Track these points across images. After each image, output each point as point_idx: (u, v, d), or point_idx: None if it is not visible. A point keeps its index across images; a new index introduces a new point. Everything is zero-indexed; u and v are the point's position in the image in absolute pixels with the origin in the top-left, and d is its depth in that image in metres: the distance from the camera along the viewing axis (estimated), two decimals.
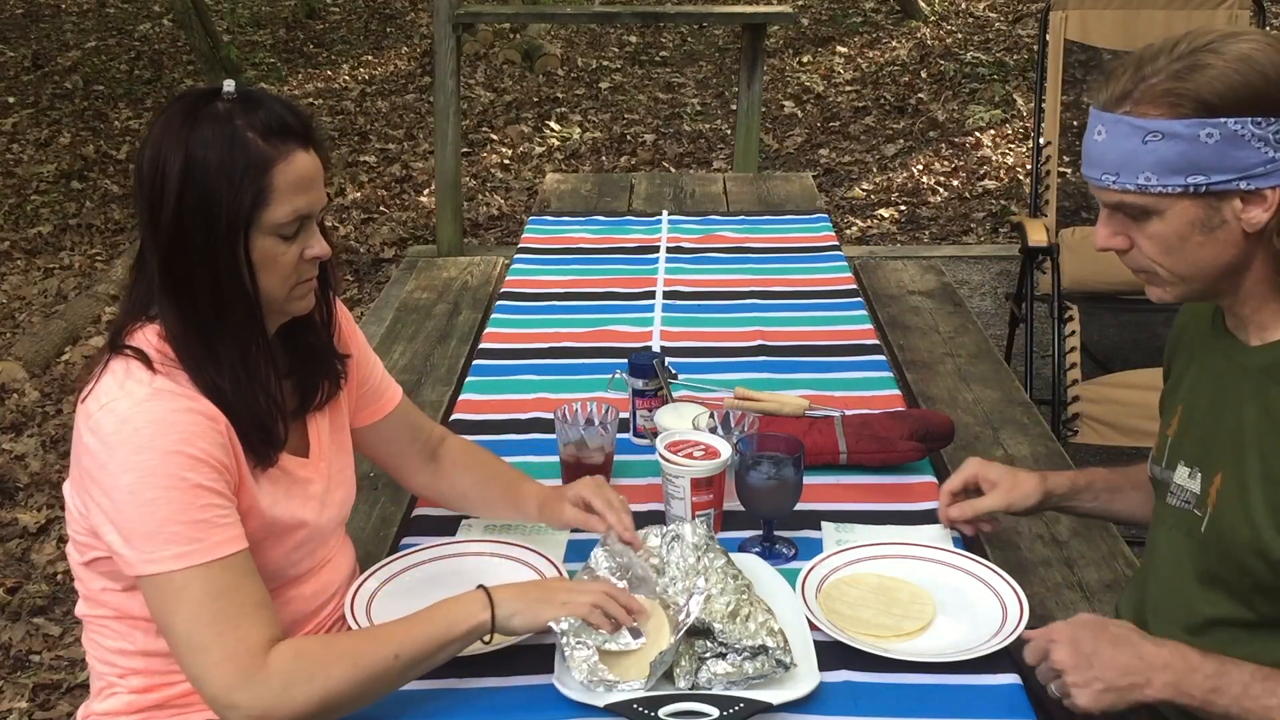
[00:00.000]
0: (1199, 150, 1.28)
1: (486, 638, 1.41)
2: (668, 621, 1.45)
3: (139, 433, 1.33)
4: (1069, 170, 3.95)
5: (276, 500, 1.49)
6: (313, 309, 1.54)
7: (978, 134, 6.94)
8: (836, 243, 3.13)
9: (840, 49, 8.77)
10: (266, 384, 1.46)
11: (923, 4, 9.32)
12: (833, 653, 1.47)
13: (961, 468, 1.73)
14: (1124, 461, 1.70)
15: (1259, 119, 1.26)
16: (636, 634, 1.43)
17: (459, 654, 1.42)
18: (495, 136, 7.37)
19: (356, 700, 1.36)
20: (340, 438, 1.65)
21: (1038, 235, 3.67)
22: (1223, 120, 1.27)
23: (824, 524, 1.79)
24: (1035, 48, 4.58)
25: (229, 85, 1.42)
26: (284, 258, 1.43)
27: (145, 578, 1.35)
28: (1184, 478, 1.46)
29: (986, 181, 6.37)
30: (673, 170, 6.63)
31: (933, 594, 1.59)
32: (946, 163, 6.64)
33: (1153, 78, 1.30)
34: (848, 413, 2.08)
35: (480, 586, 1.44)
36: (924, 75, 8.02)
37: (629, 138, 7.28)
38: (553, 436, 1.92)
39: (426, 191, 6.48)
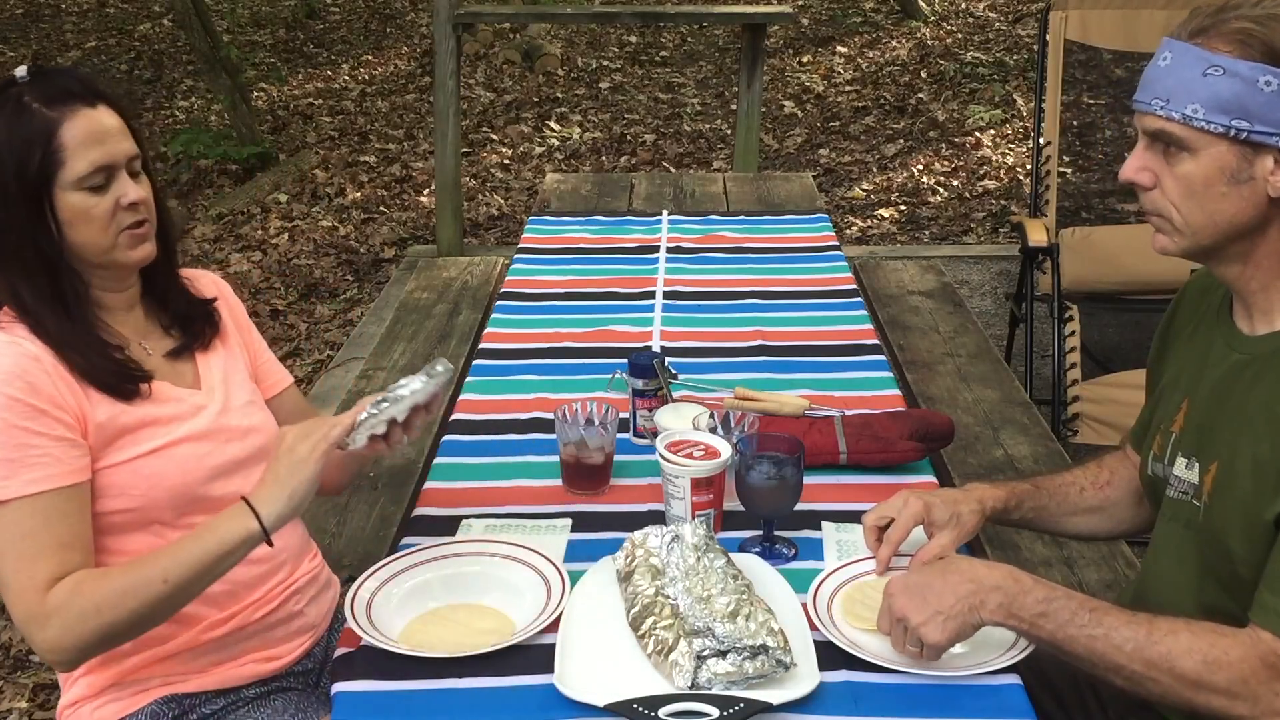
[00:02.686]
0: (1253, 95, 1.29)
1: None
2: (671, 613, 1.45)
3: None
4: (1069, 170, 3.95)
5: (169, 425, 1.59)
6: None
7: (978, 134, 6.94)
8: (836, 243, 3.13)
9: (840, 49, 8.77)
10: (95, 328, 1.57)
11: (923, 4, 9.32)
12: (833, 653, 1.47)
13: (904, 516, 1.62)
14: (1117, 452, 1.71)
15: None
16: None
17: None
18: (495, 136, 7.37)
19: (140, 625, 1.47)
20: (240, 379, 1.75)
21: (1038, 235, 3.67)
22: None
23: (824, 524, 1.79)
24: (1035, 48, 4.58)
25: (21, 70, 1.54)
26: (97, 209, 1.52)
27: None
28: (1182, 469, 1.46)
29: (986, 181, 6.37)
30: (673, 170, 6.63)
31: None
32: (946, 163, 6.64)
33: (1234, 21, 1.31)
34: (848, 413, 2.08)
35: (242, 499, 1.49)
36: (924, 75, 8.02)
37: (629, 138, 7.28)
38: (553, 436, 1.92)
39: (426, 191, 6.48)
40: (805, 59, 8.60)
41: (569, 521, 1.81)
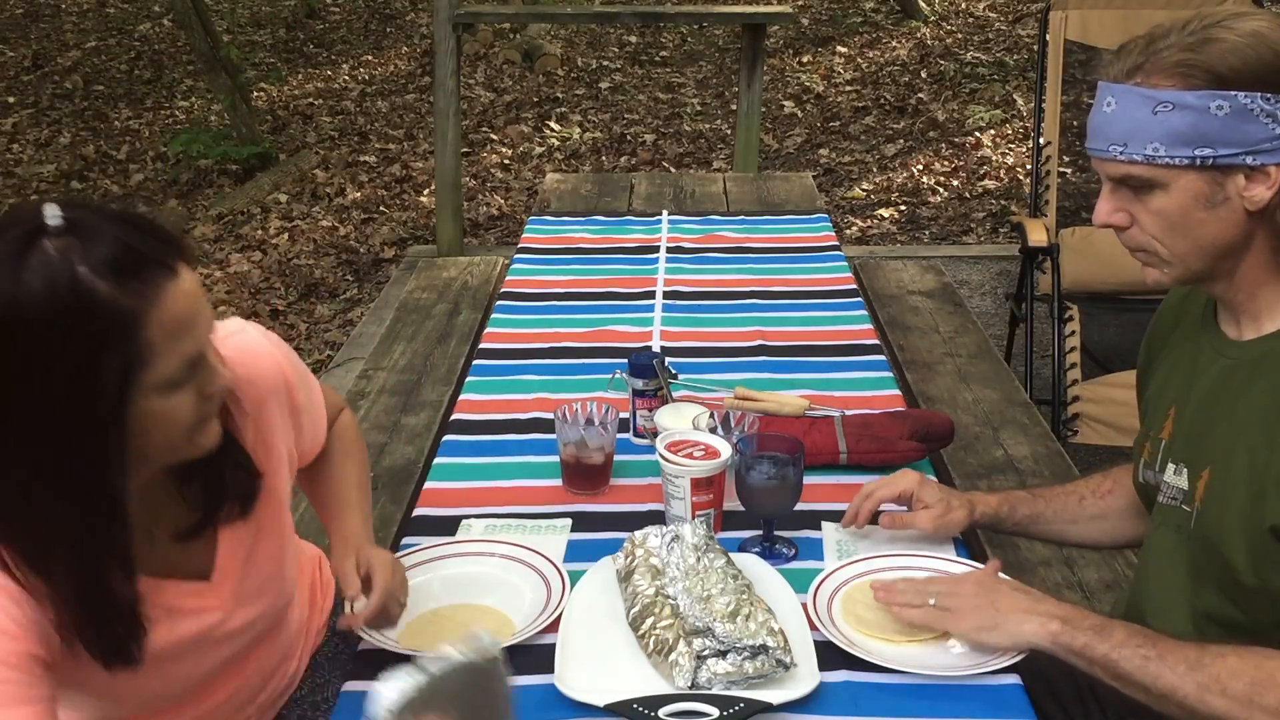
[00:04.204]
0: (1208, 122, 1.28)
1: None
2: (671, 613, 1.45)
3: None
4: (1069, 170, 3.95)
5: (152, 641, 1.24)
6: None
7: (978, 134, 6.94)
8: (836, 243, 3.13)
9: (840, 49, 8.77)
10: (113, 584, 1.16)
11: (923, 4, 9.32)
12: (833, 653, 1.47)
13: (896, 479, 1.72)
14: (1123, 460, 1.71)
15: (1268, 95, 1.27)
16: None
17: None
18: (495, 136, 7.37)
19: None
20: (268, 545, 1.41)
21: (1038, 235, 3.67)
22: (1233, 93, 1.27)
23: (824, 524, 1.79)
24: (1035, 48, 4.58)
25: (52, 212, 1.05)
26: (181, 409, 1.15)
27: None
28: (1171, 474, 1.46)
29: (986, 181, 6.37)
30: (673, 170, 6.63)
31: None
32: (946, 163, 6.64)
33: (1165, 51, 1.30)
34: (848, 413, 2.08)
35: None
36: (924, 75, 8.02)
37: (629, 138, 7.28)
38: (553, 436, 1.92)
39: (426, 191, 6.48)
40: (805, 59, 8.59)
41: (569, 521, 1.81)
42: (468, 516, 1.83)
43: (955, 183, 6.39)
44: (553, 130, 7.44)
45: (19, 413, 1.06)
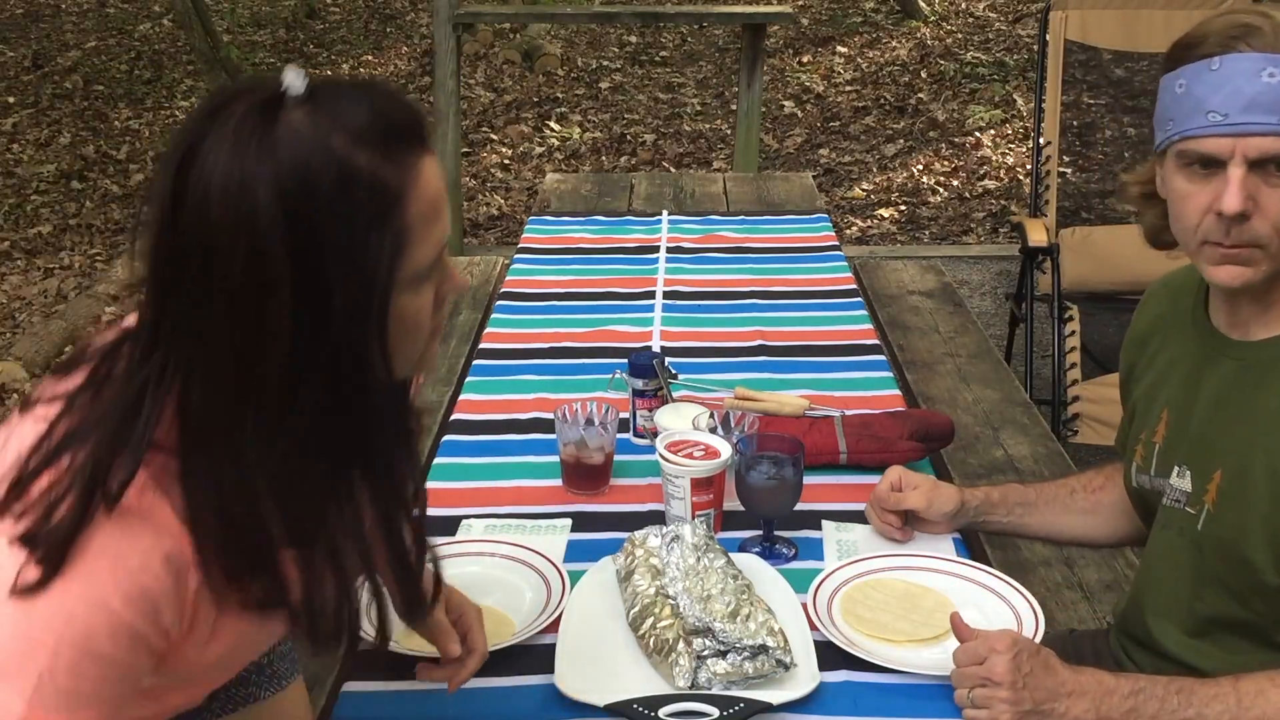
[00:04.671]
0: None
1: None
2: (671, 613, 1.45)
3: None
4: (1069, 170, 3.95)
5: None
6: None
7: (978, 134, 6.94)
8: (836, 243, 3.13)
9: (840, 49, 8.77)
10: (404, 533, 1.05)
11: (923, 4, 9.32)
12: (833, 653, 1.47)
13: (883, 478, 1.74)
14: (1120, 460, 1.71)
15: None
16: None
17: None
18: (495, 136, 7.37)
19: None
20: None
21: (1038, 235, 3.67)
22: None
23: (824, 524, 1.79)
24: (1035, 48, 4.58)
25: (293, 79, 0.91)
26: (424, 312, 1.00)
27: None
28: (1174, 477, 1.45)
29: (986, 181, 6.37)
30: (673, 170, 6.63)
31: (956, 605, 1.57)
32: (946, 163, 6.64)
33: None
34: (848, 413, 2.08)
35: None
36: (924, 75, 8.02)
37: (629, 138, 7.28)
38: (553, 436, 1.92)
39: None
40: (805, 59, 8.59)
41: (569, 521, 1.81)
42: (468, 516, 1.83)
43: (955, 183, 6.39)
44: (553, 130, 7.44)
45: (291, 325, 0.88)
